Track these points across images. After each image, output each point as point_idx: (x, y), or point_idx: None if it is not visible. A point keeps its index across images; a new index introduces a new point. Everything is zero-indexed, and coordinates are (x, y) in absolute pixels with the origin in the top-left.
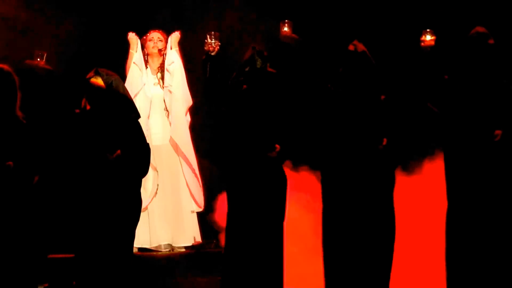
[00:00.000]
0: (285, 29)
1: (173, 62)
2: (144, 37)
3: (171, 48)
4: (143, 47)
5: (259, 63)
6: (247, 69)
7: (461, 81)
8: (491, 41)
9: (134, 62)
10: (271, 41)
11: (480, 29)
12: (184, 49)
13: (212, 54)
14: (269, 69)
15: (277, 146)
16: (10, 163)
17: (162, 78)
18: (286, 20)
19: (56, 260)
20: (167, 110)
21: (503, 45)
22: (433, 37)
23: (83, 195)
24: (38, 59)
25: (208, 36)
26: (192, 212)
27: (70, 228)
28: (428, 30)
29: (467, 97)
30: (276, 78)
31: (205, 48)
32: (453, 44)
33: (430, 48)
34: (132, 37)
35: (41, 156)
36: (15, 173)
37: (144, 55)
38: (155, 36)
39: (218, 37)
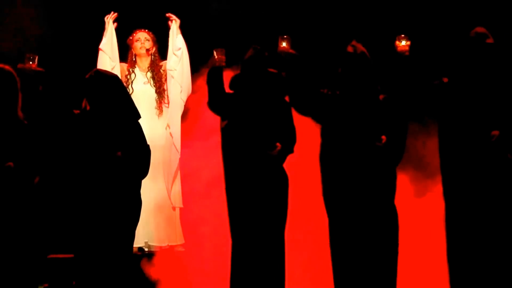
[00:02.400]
0: (284, 44)
1: (180, 48)
2: (130, 38)
3: (176, 35)
4: (129, 47)
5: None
6: (249, 68)
7: (459, 81)
8: (490, 41)
9: (100, 48)
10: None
11: (479, 29)
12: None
13: (218, 68)
14: (270, 70)
15: (278, 144)
16: (11, 163)
17: (153, 77)
18: (285, 36)
19: (56, 260)
20: (159, 109)
21: (503, 45)
22: (407, 42)
23: (83, 195)
24: (30, 62)
25: (214, 52)
26: (174, 209)
27: (70, 228)
28: (402, 35)
29: (465, 97)
30: (277, 78)
31: (211, 63)
32: (452, 44)
33: (408, 53)
34: (105, 21)
35: (42, 157)
36: (16, 174)
37: (131, 56)
38: (141, 36)
39: (224, 53)
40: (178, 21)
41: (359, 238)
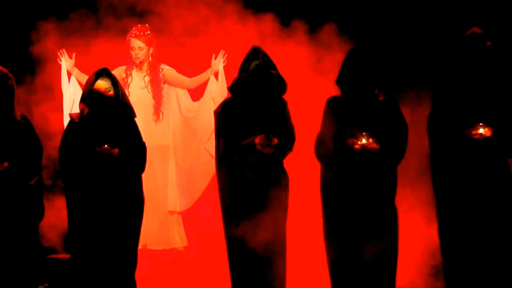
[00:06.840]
0: (364, 141)
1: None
2: (128, 38)
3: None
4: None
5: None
6: (250, 66)
7: (457, 82)
8: (489, 43)
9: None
10: None
11: (476, 30)
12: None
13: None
14: (272, 72)
15: (275, 139)
16: (6, 164)
17: (151, 82)
18: (364, 133)
19: (56, 260)
20: (156, 115)
21: (500, 45)
22: (486, 129)
23: (83, 194)
24: (105, 146)
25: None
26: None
27: (70, 228)
28: (480, 124)
29: (462, 97)
30: (278, 78)
31: (260, 147)
32: (450, 45)
33: (487, 137)
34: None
35: (40, 157)
36: (12, 174)
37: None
38: (135, 45)
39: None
40: (225, 62)
41: (357, 239)
